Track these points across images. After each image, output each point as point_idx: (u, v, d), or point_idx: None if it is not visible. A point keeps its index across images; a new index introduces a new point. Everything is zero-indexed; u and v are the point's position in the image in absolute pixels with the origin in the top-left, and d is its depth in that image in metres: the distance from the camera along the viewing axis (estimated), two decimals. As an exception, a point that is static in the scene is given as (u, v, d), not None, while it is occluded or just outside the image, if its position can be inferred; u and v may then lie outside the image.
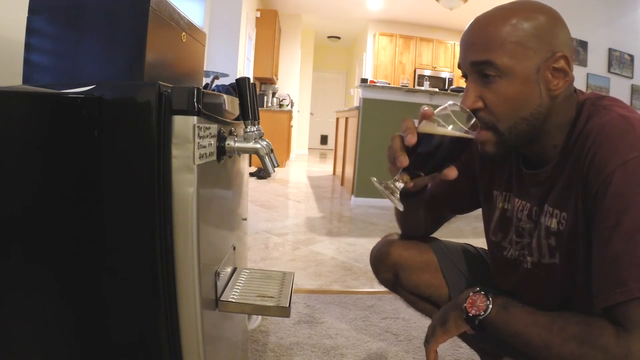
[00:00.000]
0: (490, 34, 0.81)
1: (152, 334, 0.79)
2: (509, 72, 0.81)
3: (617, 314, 0.70)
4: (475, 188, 1.12)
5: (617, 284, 0.70)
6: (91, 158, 0.75)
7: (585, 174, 0.79)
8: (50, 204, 0.74)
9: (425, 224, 1.23)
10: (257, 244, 3.05)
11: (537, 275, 0.93)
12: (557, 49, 0.81)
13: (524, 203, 0.95)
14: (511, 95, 0.82)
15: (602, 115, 0.81)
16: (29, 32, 0.93)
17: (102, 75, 0.91)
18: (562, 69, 0.82)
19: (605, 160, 0.75)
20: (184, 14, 1.07)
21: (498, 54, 0.80)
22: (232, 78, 1.31)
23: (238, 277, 1.10)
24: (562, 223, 0.86)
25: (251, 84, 0.97)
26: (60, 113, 0.74)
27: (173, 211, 0.75)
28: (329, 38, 11.87)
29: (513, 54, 0.80)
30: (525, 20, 0.81)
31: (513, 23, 0.80)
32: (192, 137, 0.74)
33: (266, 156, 0.94)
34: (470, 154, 1.11)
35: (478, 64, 0.82)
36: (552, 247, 0.88)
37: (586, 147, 0.80)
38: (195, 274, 0.78)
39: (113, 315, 0.79)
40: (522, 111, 0.83)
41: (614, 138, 0.76)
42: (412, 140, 0.82)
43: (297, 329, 1.79)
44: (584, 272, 0.81)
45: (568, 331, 0.74)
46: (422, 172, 0.86)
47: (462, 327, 0.90)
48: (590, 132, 0.80)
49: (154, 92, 0.73)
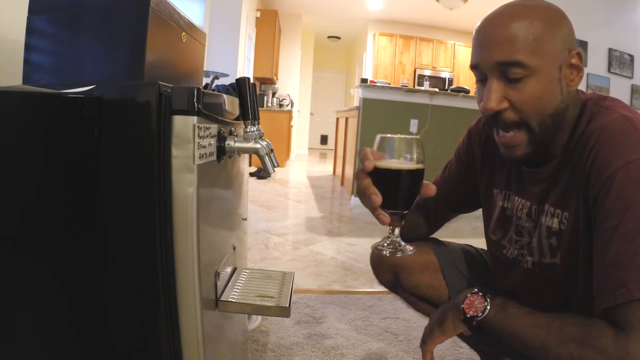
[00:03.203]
0: (516, 33, 0.80)
1: (152, 334, 0.79)
2: (537, 71, 0.80)
3: (616, 316, 0.70)
4: (476, 187, 1.12)
5: (618, 286, 0.70)
6: (91, 158, 0.75)
7: (587, 175, 0.79)
8: (50, 204, 0.74)
9: (426, 227, 1.23)
10: (257, 244, 3.05)
11: (537, 275, 0.93)
12: (571, 45, 0.83)
13: (524, 202, 0.95)
14: (539, 93, 0.81)
15: (604, 115, 0.81)
16: (29, 32, 0.93)
17: (102, 75, 0.91)
18: (577, 65, 0.83)
19: (607, 161, 0.75)
20: (184, 14, 1.07)
21: (527, 53, 0.79)
22: (232, 78, 1.31)
23: (238, 277, 1.10)
24: (564, 223, 0.85)
25: (251, 83, 0.97)
26: (60, 113, 0.74)
27: (173, 211, 0.75)
28: (329, 38, 11.87)
29: (540, 53, 0.79)
30: (544, 18, 0.80)
31: (535, 22, 0.80)
32: (192, 137, 0.74)
33: (266, 156, 0.94)
34: (471, 153, 1.11)
35: (506, 64, 0.80)
36: (553, 247, 0.88)
37: (588, 147, 0.79)
38: (195, 274, 0.78)
39: (113, 315, 0.79)
40: (548, 108, 0.82)
41: (617, 139, 0.76)
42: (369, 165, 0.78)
43: (297, 329, 1.79)
44: (585, 272, 0.81)
45: (566, 332, 0.74)
46: (401, 209, 0.82)
47: (460, 328, 0.90)
48: (592, 133, 0.80)
49: (154, 92, 0.72)
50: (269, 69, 7.87)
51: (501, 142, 0.87)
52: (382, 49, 9.48)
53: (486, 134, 1.06)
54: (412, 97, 4.61)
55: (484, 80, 0.85)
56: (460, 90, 4.90)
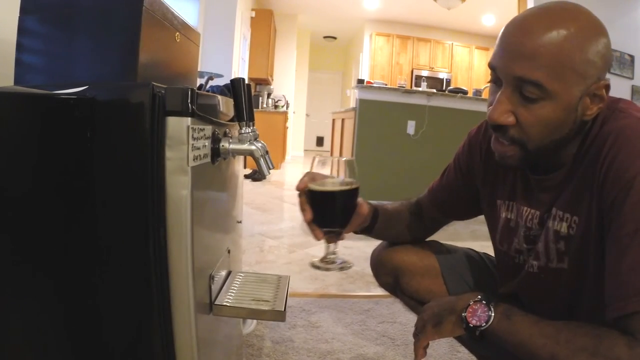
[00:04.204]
0: (543, 50, 0.73)
1: (145, 338, 0.79)
2: (555, 96, 0.75)
3: (630, 324, 0.67)
4: (474, 196, 1.11)
5: (634, 293, 0.67)
6: (84, 160, 0.74)
7: (603, 179, 0.76)
8: (42, 206, 0.74)
9: (418, 232, 1.23)
10: (252, 247, 3.04)
11: (543, 280, 0.91)
12: (602, 74, 0.77)
13: (533, 211, 0.92)
14: (550, 120, 0.77)
15: (620, 118, 0.78)
16: (21, 32, 0.92)
17: (95, 75, 0.90)
18: (601, 96, 0.79)
19: (626, 165, 0.72)
20: (178, 14, 1.07)
21: (549, 76, 0.74)
22: (226, 79, 1.30)
23: (233, 281, 1.09)
24: (573, 227, 0.83)
25: (246, 84, 0.96)
26: (52, 114, 0.74)
27: (167, 214, 0.75)
28: (325, 38, 11.87)
29: (564, 78, 0.74)
30: (579, 36, 0.74)
31: (568, 39, 0.73)
32: (186, 138, 0.74)
33: (261, 158, 0.93)
34: (472, 162, 1.09)
35: (524, 81, 0.76)
36: (561, 251, 0.86)
37: (604, 150, 0.77)
38: (189, 278, 0.77)
39: (106, 319, 0.78)
40: (555, 134, 0.79)
41: (635, 142, 0.73)
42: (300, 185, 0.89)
43: (293, 334, 1.78)
44: (594, 278, 0.79)
45: (577, 343, 0.71)
46: (334, 227, 0.92)
47: (458, 332, 0.88)
48: (607, 136, 0.77)
49: (147, 93, 0.72)
50: (264, 69, 7.87)
51: (496, 148, 0.86)
52: (378, 49, 9.49)
53: (487, 144, 1.02)
54: (409, 98, 4.59)
55: (498, 83, 0.82)
56: (458, 91, 4.89)
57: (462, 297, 0.89)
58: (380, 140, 4.40)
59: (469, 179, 1.11)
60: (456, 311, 0.87)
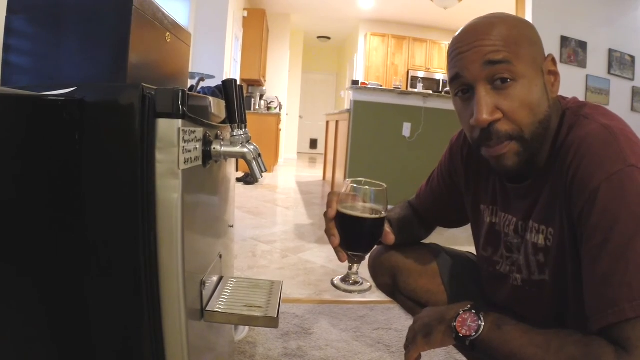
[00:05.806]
0: (498, 34, 0.79)
1: (135, 344, 0.78)
2: (523, 75, 0.79)
3: (614, 334, 0.68)
4: (461, 203, 1.11)
5: (609, 305, 0.68)
6: (72, 162, 0.74)
7: (569, 189, 0.77)
8: (29, 210, 0.73)
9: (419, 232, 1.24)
10: (245, 252, 3.02)
11: (528, 292, 0.91)
12: (544, 51, 0.84)
13: (510, 217, 0.94)
14: (527, 98, 0.80)
15: (583, 125, 0.79)
16: (8, 33, 0.92)
17: (84, 76, 0.90)
18: (554, 71, 0.84)
19: (589, 175, 0.73)
20: (169, 14, 1.07)
21: (511, 53, 0.78)
22: (218, 80, 1.30)
23: (224, 286, 1.09)
24: (549, 239, 0.84)
25: (238, 85, 0.96)
26: (40, 116, 0.73)
27: (157, 218, 0.75)
28: (319, 38, 11.87)
29: (523, 57, 0.79)
30: (519, 27, 0.82)
31: (513, 28, 0.81)
32: (176, 141, 0.73)
33: (253, 161, 0.93)
34: (454, 170, 1.10)
35: (495, 62, 0.79)
36: (541, 263, 0.87)
37: (568, 160, 0.78)
38: (180, 283, 0.77)
39: (95, 325, 0.78)
40: (538, 115, 0.81)
41: (597, 150, 0.74)
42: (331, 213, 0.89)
43: (286, 340, 1.77)
44: (574, 288, 0.80)
45: (566, 352, 0.71)
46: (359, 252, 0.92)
47: (448, 343, 0.87)
48: (571, 144, 0.78)
49: (137, 95, 0.72)
50: (257, 70, 7.85)
51: (490, 155, 0.85)
52: (373, 50, 9.46)
53: (468, 149, 1.05)
54: (405, 100, 4.58)
55: (467, 92, 0.84)
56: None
57: (452, 306, 0.89)
58: (376, 142, 4.39)
59: (453, 186, 1.12)
60: (446, 321, 0.87)
